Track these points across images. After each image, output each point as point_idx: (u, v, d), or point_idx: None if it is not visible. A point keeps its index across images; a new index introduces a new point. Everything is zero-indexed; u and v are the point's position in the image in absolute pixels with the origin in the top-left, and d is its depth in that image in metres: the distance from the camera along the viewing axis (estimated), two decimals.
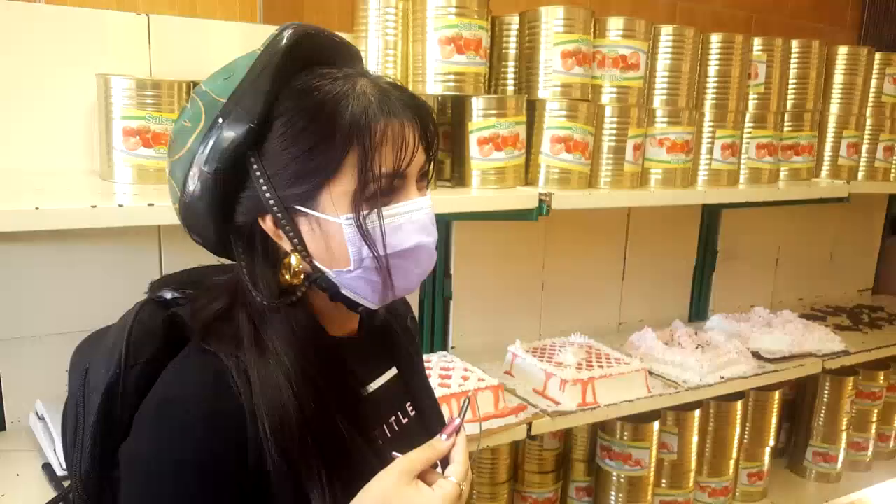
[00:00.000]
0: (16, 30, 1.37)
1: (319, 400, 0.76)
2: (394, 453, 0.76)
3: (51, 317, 1.43)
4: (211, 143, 0.74)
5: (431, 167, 0.83)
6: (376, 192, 0.75)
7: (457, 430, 0.78)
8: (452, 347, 1.97)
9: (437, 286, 1.91)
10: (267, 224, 0.78)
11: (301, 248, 0.78)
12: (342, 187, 0.74)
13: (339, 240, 0.76)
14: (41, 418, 1.36)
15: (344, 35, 1.68)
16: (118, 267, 1.47)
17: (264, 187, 0.75)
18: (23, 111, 1.40)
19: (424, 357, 1.75)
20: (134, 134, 1.32)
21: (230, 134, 0.73)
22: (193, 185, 0.76)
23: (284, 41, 0.76)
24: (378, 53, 1.56)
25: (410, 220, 0.78)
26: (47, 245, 1.42)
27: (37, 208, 1.08)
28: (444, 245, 1.91)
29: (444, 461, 0.78)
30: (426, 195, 0.81)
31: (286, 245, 0.78)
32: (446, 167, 1.65)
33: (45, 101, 1.41)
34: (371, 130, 0.73)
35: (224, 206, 0.77)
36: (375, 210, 0.75)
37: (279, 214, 0.76)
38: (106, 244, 1.46)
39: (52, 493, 1.22)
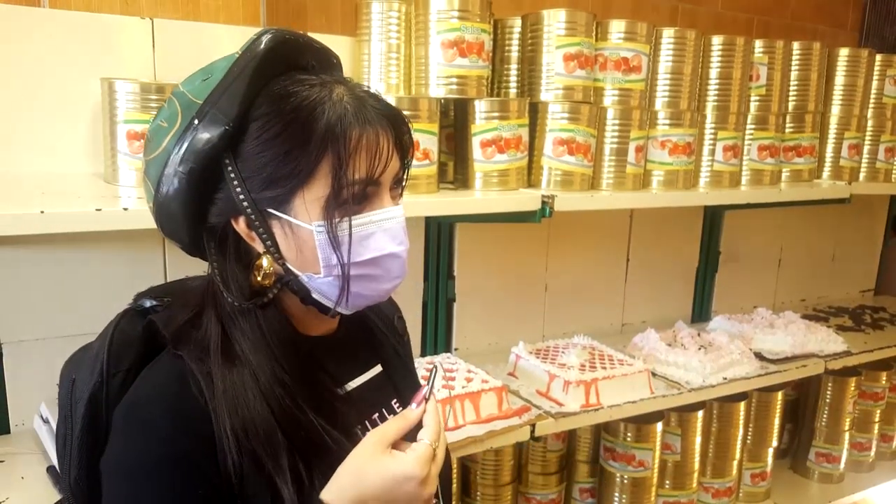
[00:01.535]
0: (20, 33, 1.37)
1: (289, 398, 0.77)
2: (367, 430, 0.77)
3: (55, 320, 1.44)
4: (186, 143, 0.74)
5: (406, 176, 0.83)
6: (349, 199, 0.75)
7: (426, 398, 0.78)
8: (456, 349, 1.98)
9: (441, 288, 1.91)
10: (240, 225, 0.78)
11: (274, 249, 0.78)
12: (315, 193, 0.75)
13: (311, 245, 0.76)
14: (45, 421, 1.36)
15: (347, 39, 1.69)
16: (123, 270, 1.48)
17: (238, 189, 0.75)
18: (27, 114, 1.40)
19: (428, 359, 1.77)
20: (138, 137, 1.32)
21: (205, 135, 0.74)
22: (168, 184, 0.76)
23: (263, 45, 0.76)
24: (381, 57, 1.56)
25: (382, 228, 0.78)
26: (52, 248, 1.42)
27: (42, 212, 1.09)
28: (447, 247, 1.92)
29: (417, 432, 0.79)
30: (399, 204, 0.81)
31: (259, 247, 0.79)
32: (449, 169, 1.66)
33: (50, 105, 1.42)
34: (346, 138, 0.74)
35: (198, 207, 0.78)
36: (347, 218, 0.75)
37: (252, 216, 0.76)
38: (110, 247, 1.47)
39: (56, 496, 1.22)
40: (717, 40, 1.85)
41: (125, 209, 1.16)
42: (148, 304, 0.86)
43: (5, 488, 1.26)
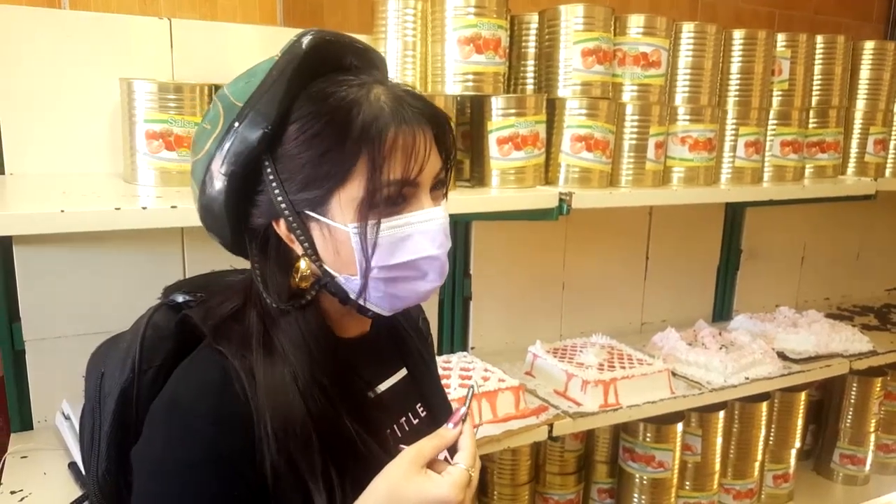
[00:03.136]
0: (41, 34, 1.39)
1: (326, 400, 0.76)
2: (401, 445, 0.76)
3: (76, 318, 1.45)
4: (227, 146, 0.75)
5: (449, 177, 0.82)
6: (385, 201, 0.74)
7: (463, 419, 0.78)
8: (472, 348, 1.97)
9: (457, 286, 1.91)
10: (280, 228, 0.78)
11: (312, 252, 0.78)
12: (351, 194, 0.74)
13: (348, 247, 0.76)
14: (67, 418, 1.38)
15: (362, 37, 1.68)
16: (142, 269, 1.49)
17: (276, 191, 0.75)
18: (48, 115, 1.42)
19: (445, 358, 1.77)
20: (157, 137, 1.33)
21: (245, 137, 0.74)
22: (210, 186, 0.77)
23: (303, 47, 0.76)
24: (397, 54, 1.56)
25: (420, 230, 0.77)
26: (73, 247, 1.44)
27: (62, 211, 1.10)
28: (463, 245, 1.91)
29: (452, 451, 0.78)
30: (440, 205, 0.80)
31: (298, 249, 0.79)
32: (465, 167, 1.65)
33: (70, 105, 1.43)
34: (380, 138, 0.73)
35: (240, 209, 0.78)
36: (383, 220, 0.75)
37: (291, 219, 0.76)
38: (130, 246, 1.48)
39: (77, 492, 1.24)
40: (738, 34, 1.82)
41: (144, 208, 1.17)
42: (180, 298, 0.86)
43: (28, 484, 1.28)
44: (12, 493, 1.25)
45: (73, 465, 1.32)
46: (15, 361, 1.43)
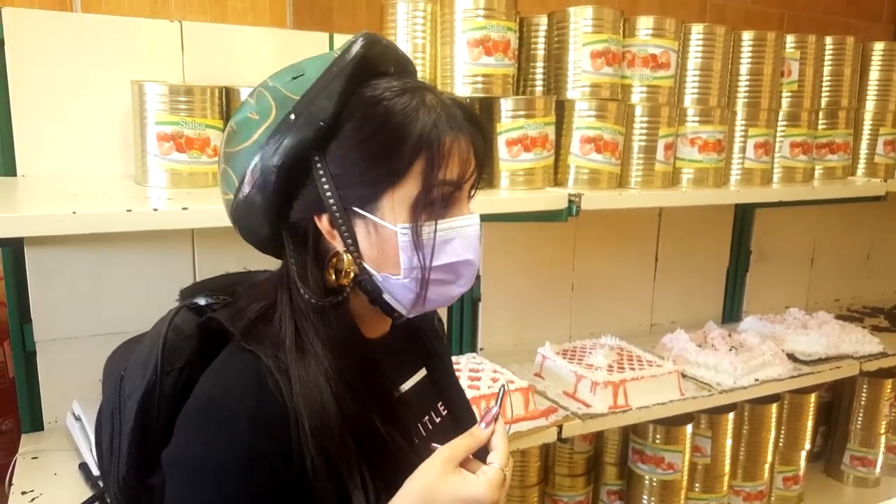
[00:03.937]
0: (53, 38, 1.40)
1: (357, 400, 0.77)
2: (433, 444, 0.77)
3: (87, 319, 1.46)
4: (281, 138, 0.75)
5: (477, 184, 0.84)
6: (437, 200, 0.76)
7: (495, 419, 0.79)
8: (481, 349, 1.97)
9: None
10: (323, 223, 0.79)
11: (354, 248, 0.79)
12: (403, 194, 0.76)
13: (394, 246, 0.77)
14: (78, 419, 1.38)
15: None
16: (153, 270, 1.50)
17: (326, 186, 0.76)
18: (60, 117, 1.43)
19: (454, 359, 1.76)
20: (168, 139, 1.34)
21: (301, 131, 0.75)
22: (254, 177, 0.77)
23: (360, 48, 0.78)
24: None
25: (461, 234, 0.80)
26: (84, 248, 1.44)
27: (74, 212, 1.11)
28: None
29: (481, 451, 0.79)
30: (475, 213, 0.82)
31: (338, 245, 0.79)
32: None
33: (82, 108, 1.44)
34: (439, 141, 0.75)
35: (281, 201, 0.79)
36: (433, 221, 0.77)
37: (337, 214, 0.77)
38: (141, 248, 1.49)
39: (88, 493, 1.24)
40: (747, 36, 1.81)
41: (155, 210, 1.17)
42: (203, 301, 0.86)
43: (38, 484, 1.28)
44: (23, 493, 1.26)
45: (83, 466, 1.32)
46: (26, 362, 1.44)
